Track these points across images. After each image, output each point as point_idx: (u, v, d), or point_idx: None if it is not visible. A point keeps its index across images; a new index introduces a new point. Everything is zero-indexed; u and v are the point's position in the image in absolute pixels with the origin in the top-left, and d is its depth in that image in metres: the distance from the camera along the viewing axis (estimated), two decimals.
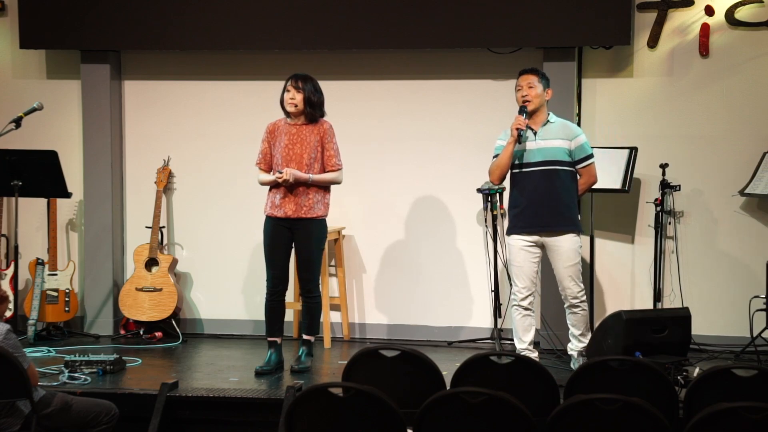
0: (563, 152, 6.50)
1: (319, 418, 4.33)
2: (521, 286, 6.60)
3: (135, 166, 8.18)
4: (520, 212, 6.59)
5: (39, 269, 7.77)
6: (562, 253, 6.53)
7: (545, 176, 6.50)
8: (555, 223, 6.51)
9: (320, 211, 6.62)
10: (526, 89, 6.52)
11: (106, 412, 5.47)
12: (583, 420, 4.09)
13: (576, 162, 6.55)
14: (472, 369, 4.83)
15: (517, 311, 6.63)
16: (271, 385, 6.42)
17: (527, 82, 6.53)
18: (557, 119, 6.61)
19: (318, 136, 6.59)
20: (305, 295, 6.74)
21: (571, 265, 6.53)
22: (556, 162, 6.49)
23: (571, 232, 6.54)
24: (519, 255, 6.60)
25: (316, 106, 6.59)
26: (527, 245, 6.58)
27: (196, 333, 8.09)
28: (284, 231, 6.62)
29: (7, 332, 5.17)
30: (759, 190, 7.23)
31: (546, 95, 6.57)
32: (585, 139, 6.59)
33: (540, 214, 6.51)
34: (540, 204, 6.50)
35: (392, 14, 7.55)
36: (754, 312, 7.08)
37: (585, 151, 6.57)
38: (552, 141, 6.51)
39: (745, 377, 4.61)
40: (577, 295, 6.56)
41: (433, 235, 7.88)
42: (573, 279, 6.54)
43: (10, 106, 7.75)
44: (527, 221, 6.55)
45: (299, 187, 6.56)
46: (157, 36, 7.80)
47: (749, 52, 7.42)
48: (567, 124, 6.63)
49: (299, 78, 6.59)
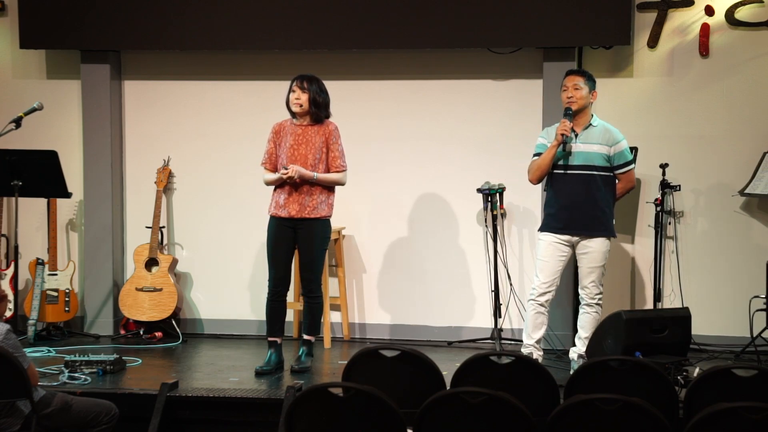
0: (602, 157, 6.50)
1: (319, 418, 4.33)
2: (543, 280, 6.59)
3: (135, 166, 8.18)
4: (555, 213, 6.60)
5: (39, 269, 7.77)
6: (591, 254, 6.54)
7: (583, 180, 6.50)
8: (588, 228, 6.54)
9: (324, 212, 6.63)
10: (571, 90, 6.50)
11: (106, 412, 5.47)
12: (583, 420, 4.09)
13: (615, 168, 6.56)
14: (472, 369, 4.83)
15: (532, 306, 6.63)
16: (271, 385, 6.42)
17: (573, 83, 6.51)
18: (600, 123, 6.59)
19: (323, 137, 6.59)
20: (307, 295, 6.74)
21: (597, 267, 6.55)
22: (594, 167, 6.50)
23: (604, 236, 6.56)
24: (548, 249, 6.60)
25: (321, 106, 6.60)
26: (558, 242, 6.58)
27: (196, 333, 8.09)
28: (288, 231, 6.63)
29: (7, 332, 5.17)
30: (759, 190, 7.23)
31: (591, 97, 6.55)
32: (626, 145, 6.58)
33: (575, 217, 6.53)
34: (575, 208, 6.52)
35: (392, 14, 7.55)
36: (754, 312, 7.08)
37: (625, 158, 6.57)
38: (592, 146, 6.50)
39: (745, 377, 4.61)
40: (595, 296, 6.58)
41: (433, 235, 7.88)
42: (595, 280, 6.56)
43: (10, 106, 7.75)
44: (562, 223, 6.57)
45: (303, 187, 6.56)
46: (157, 36, 7.80)
47: (749, 52, 7.42)
48: (609, 128, 6.59)
49: (305, 78, 6.59)
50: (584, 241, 6.55)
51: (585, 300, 6.62)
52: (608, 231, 6.59)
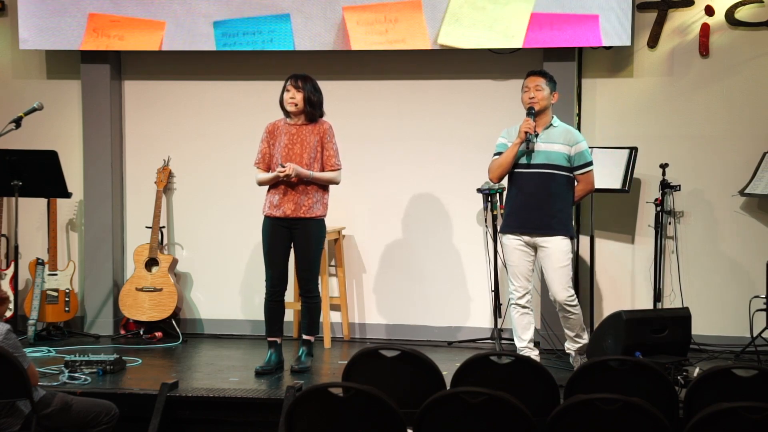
0: (562, 157, 6.48)
1: (319, 418, 4.32)
2: (517, 285, 6.60)
3: (135, 166, 8.18)
4: (513, 212, 6.60)
5: (39, 269, 7.77)
6: (550, 255, 6.49)
7: (542, 179, 6.48)
8: (544, 226, 6.49)
9: (319, 211, 6.62)
10: (533, 91, 6.50)
11: (106, 412, 5.47)
12: (583, 420, 4.09)
13: (574, 168, 6.54)
14: (472, 369, 4.83)
15: (515, 309, 6.63)
16: (271, 385, 6.42)
17: (535, 84, 6.51)
18: (560, 124, 6.59)
19: (318, 136, 6.59)
20: (305, 296, 6.73)
21: (559, 268, 6.48)
22: (554, 166, 6.47)
23: (561, 234, 6.50)
24: (513, 254, 6.60)
25: (315, 105, 6.59)
26: (520, 245, 6.57)
27: (196, 333, 8.09)
28: (283, 231, 6.62)
29: (7, 332, 5.17)
30: (759, 190, 7.23)
31: (552, 98, 6.55)
32: (586, 146, 6.56)
33: (531, 216, 6.50)
34: (532, 206, 6.48)
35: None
36: (754, 312, 7.08)
37: (584, 158, 6.55)
38: (553, 145, 6.49)
39: (745, 377, 4.61)
40: (566, 300, 6.50)
41: (433, 235, 7.88)
42: (561, 284, 6.48)
43: (10, 106, 7.75)
44: (519, 222, 6.55)
45: (299, 186, 6.55)
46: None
47: (749, 52, 7.42)
48: (569, 129, 6.59)
49: (299, 78, 6.58)
50: (541, 240, 6.49)
51: (558, 305, 6.57)
52: (565, 230, 6.51)
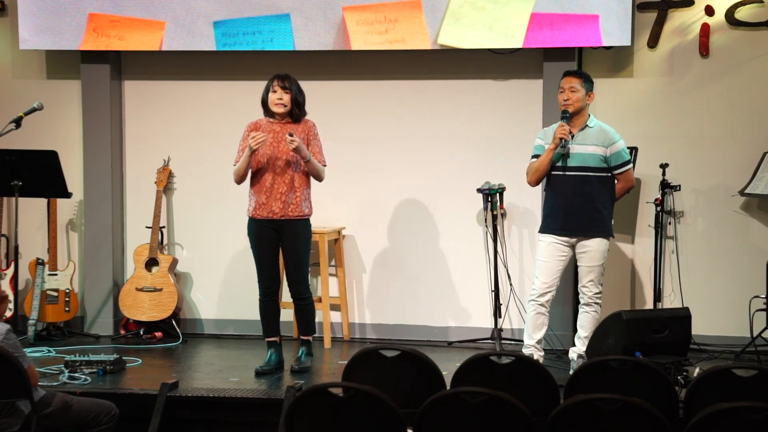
0: (598, 159, 6.50)
1: (319, 418, 4.33)
2: (543, 281, 6.59)
3: (135, 166, 8.18)
4: (553, 214, 6.61)
5: (39, 269, 7.77)
6: (589, 253, 6.54)
7: (579, 181, 6.50)
8: (585, 229, 6.54)
9: (307, 210, 6.62)
10: (568, 93, 6.49)
11: (106, 412, 5.46)
12: (583, 420, 4.09)
13: (612, 168, 6.55)
14: (472, 369, 4.83)
15: (532, 307, 6.63)
16: (271, 385, 6.42)
17: (570, 85, 6.50)
18: (597, 123, 6.58)
19: (303, 134, 6.58)
20: (296, 298, 6.71)
21: (596, 266, 6.55)
22: (590, 168, 6.50)
23: (601, 236, 6.55)
24: (547, 250, 6.60)
25: (301, 105, 6.61)
26: (558, 243, 6.58)
27: (196, 333, 8.09)
28: (270, 232, 6.60)
29: (7, 332, 5.16)
30: (759, 190, 7.23)
31: (588, 99, 6.54)
32: (622, 145, 6.57)
33: (571, 219, 6.53)
34: (572, 209, 6.52)
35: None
36: (754, 312, 7.08)
37: (621, 158, 6.56)
38: (588, 147, 6.50)
39: (745, 377, 4.61)
40: (594, 295, 6.58)
41: (433, 235, 7.88)
42: (593, 279, 6.56)
43: (10, 106, 7.75)
44: (559, 224, 6.58)
45: (285, 185, 6.53)
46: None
47: (749, 52, 7.42)
48: (605, 129, 6.57)
49: (284, 78, 6.57)
50: (582, 240, 6.56)
51: (584, 299, 6.62)
52: (606, 231, 6.59)
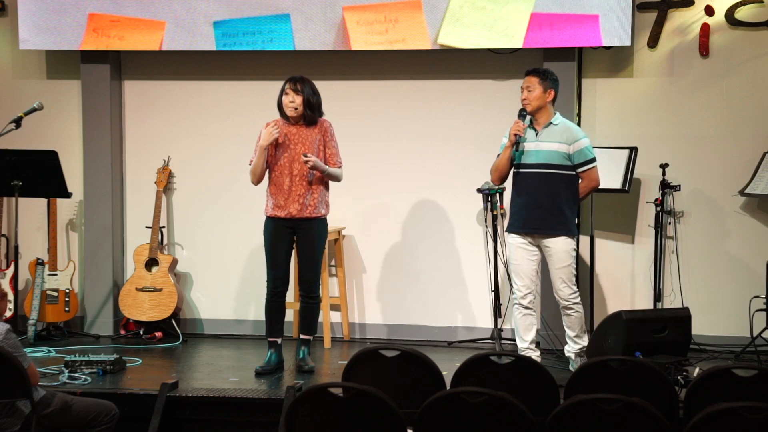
0: (561, 156, 6.48)
1: (319, 418, 4.33)
2: (520, 284, 6.61)
3: (135, 166, 8.18)
4: (516, 212, 6.61)
5: (39, 269, 7.77)
6: (554, 255, 6.53)
7: (541, 179, 6.49)
8: (547, 227, 6.51)
9: (324, 210, 6.64)
10: (525, 91, 6.52)
11: (106, 412, 5.46)
12: (583, 420, 4.09)
13: (576, 166, 6.53)
14: (472, 369, 4.83)
15: (517, 310, 6.64)
16: (271, 385, 6.42)
17: (527, 84, 6.52)
18: (561, 121, 6.57)
19: (320, 135, 6.59)
20: (307, 296, 6.72)
21: (563, 267, 6.52)
22: (552, 165, 6.48)
23: (564, 235, 6.52)
24: (517, 253, 6.61)
25: (315, 107, 6.59)
26: (524, 244, 6.59)
27: (196, 333, 8.09)
28: (287, 232, 6.62)
29: (7, 332, 5.16)
30: (759, 190, 7.23)
31: (548, 96, 6.52)
32: (587, 143, 6.53)
33: (533, 216, 6.52)
34: (534, 206, 6.50)
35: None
36: (754, 312, 7.08)
37: (585, 156, 6.53)
38: (551, 144, 6.49)
39: (745, 377, 4.61)
40: (568, 297, 6.55)
41: (433, 235, 7.88)
42: (564, 281, 6.53)
43: (10, 106, 7.75)
44: (522, 222, 6.58)
45: (303, 186, 6.55)
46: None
47: (749, 52, 7.42)
48: (569, 127, 6.57)
49: (297, 80, 6.57)
50: (545, 240, 6.53)
51: (561, 303, 6.60)
52: (567, 230, 6.53)
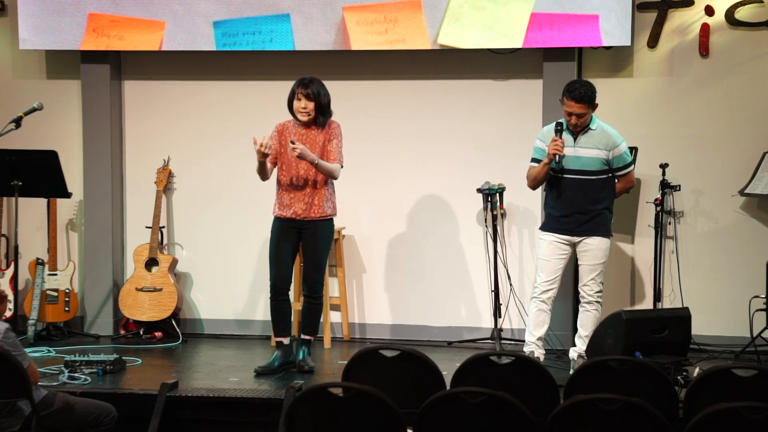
0: (600, 162, 6.53)
1: (319, 418, 4.33)
2: (544, 278, 6.63)
3: (135, 166, 8.18)
4: (555, 215, 6.65)
5: (39, 269, 7.77)
6: (589, 251, 6.59)
7: (581, 185, 6.54)
8: (587, 229, 6.59)
9: (330, 210, 6.65)
10: (575, 119, 6.45)
11: (106, 413, 5.47)
12: (583, 420, 4.10)
13: (614, 170, 6.59)
14: (472, 369, 4.83)
15: (534, 304, 6.66)
16: (271, 385, 6.42)
17: (577, 111, 6.42)
18: (599, 125, 6.58)
19: (326, 136, 6.61)
20: (310, 296, 6.72)
21: (596, 264, 6.60)
22: (591, 172, 6.53)
23: (602, 235, 6.59)
24: (548, 248, 6.65)
25: (326, 110, 6.61)
26: (558, 241, 6.63)
27: (196, 333, 8.09)
28: (292, 232, 6.62)
29: (6, 331, 5.16)
30: (759, 190, 7.23)
31: (593, 111, 6.55)
32: (624, 148, 6.59)
33: (573, 220, 6.58)
34: (574, 211, 6.57)
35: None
36: (754, 312, 7.08)
37: (623, 161, 6.60)
38: (590, 150, 6.52)
39: (745, 377, 4.61)
40: (595, 294, 6.62)
41: (433, 235, 7.88)
42: (595, 278, 6.61)
43: (10, 106, 7.75)
44: (560, 225, 6.62)
45: (308, 186, 6.56)
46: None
47: (749, 52, 7.42)
48: (608, 132, 6.57)
49: (307, 85, 6.55)
50: (582, 240, 6.59)
51: (585, 298, 6.64)
52: (606, 231, 6.63)
